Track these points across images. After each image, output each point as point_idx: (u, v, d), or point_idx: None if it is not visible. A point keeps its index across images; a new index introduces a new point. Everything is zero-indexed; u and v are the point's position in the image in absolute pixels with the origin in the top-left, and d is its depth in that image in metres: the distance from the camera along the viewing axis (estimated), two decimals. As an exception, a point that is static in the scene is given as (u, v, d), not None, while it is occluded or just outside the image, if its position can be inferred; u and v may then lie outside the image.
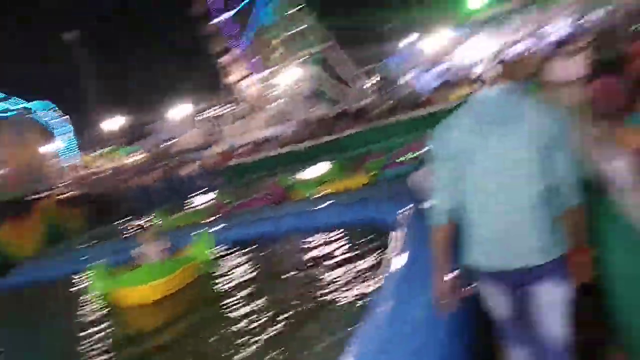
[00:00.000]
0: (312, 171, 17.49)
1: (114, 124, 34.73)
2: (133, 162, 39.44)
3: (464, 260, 2.05)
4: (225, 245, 8.16)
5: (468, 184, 1.95)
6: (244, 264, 7.48)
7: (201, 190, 25.39)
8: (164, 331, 5.55)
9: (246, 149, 33.17)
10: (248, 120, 42.86)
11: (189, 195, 23.41)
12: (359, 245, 6.73)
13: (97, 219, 18.89)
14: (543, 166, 1.85)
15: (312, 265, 6.55)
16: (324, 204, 8.67)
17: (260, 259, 7.50)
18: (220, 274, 7.20)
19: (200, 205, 15.11)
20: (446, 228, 2.02)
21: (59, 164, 30.23)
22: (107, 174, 33.17)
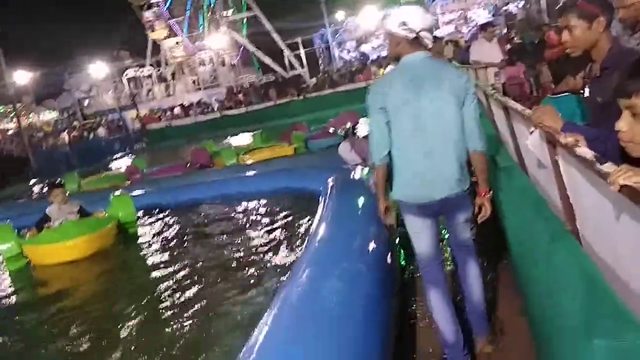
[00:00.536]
0: (238, 139, 17.22)
1: (23, 78, 31.75)
2: (45, 122, 36.64)
3: (394, 194, 2.55)
4: (144, 210, 7.84)
5: (400, 131, 2.40)
6: (164, 228, 7.27)
7: (119, 154, 24.20)
8: (78, 292, 5.37)
9: (170, 113, 31.86)
10: (174, 83, 41.15)
11: (106, 159, 22.22)
12: (284, 212, 6.74)
13: (2, 180, 17.50)
14: (459, 115, 2.39)
15: (236, 230, 6.49)
16: (250, 172, 8.57)
17: (182, 224, 7.30)
18: (140, 236, 7.00)
19: (115, 170, 14.39)
20: (384, 167, 2.51)
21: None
22: (14, 132, 30.59)
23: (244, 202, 7.62)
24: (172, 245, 6.39)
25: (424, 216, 2.52)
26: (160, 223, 7.54)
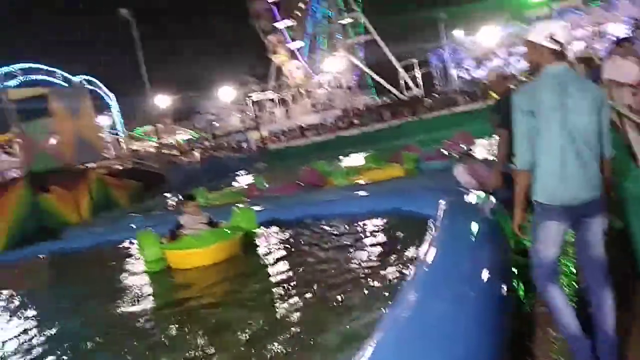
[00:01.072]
0: (350, 160, 17.46)
1: (162, 102, 35.63)
2: (178, 141, 40.46)
3: (538, 197, 2.58)
4: (260, 224, 8.29)
5: (550, 135, 2.49)
6: (279, 241, 7.63)
7: (242, 171, 25.85)
8: (216, 290, 5.98)
9: (289, 134, 33.40)
10: (293, 105, 43.15)
11: (231, 176, 23.87)
12: (392, 234, 6.70)
13: (143, 192, 19.60)
14: (598, 124, 2.52)
15: (344, 248, 6.59)
16: (359, 192, 8.65)
17: (295, 238, 7.60)
18: (259, 247, 7.50)
19: (238, 186, 15.39)
20: (528, 173, 2.57)
21: (108, 138, 31.40)
22: (154, 151, 34.22)
23: (353, 222, 7.71)
24: (286, 258, 6.67)
25: (563, 220, 2.57)
26: (276, 237, 7.92)
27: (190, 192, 8.97)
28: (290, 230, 8.06)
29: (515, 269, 3.85)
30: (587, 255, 2.61)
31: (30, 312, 6.64)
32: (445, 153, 10.45)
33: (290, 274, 6.00)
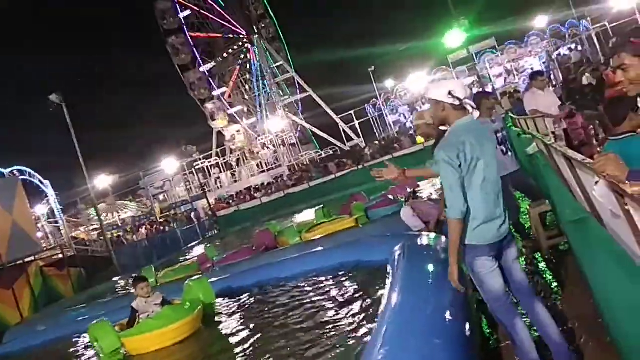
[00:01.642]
0: (300, 217, 17.40)
1: (102, 182, 34.63)
2: (122, 220, 39.07)
3: (471, 241, 2.82)
4: (219, 296, 7.98)
5: (477, 183, 2.78)
6: (237, 310, 7.35)
7: (193, 242, 25.13)
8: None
9: (238, 198, 33.09)
10: (239, 168, 43.11)
11: (182, 249, 23.12)
12: (352, 286, 6.61)
13: (89, 279, 18.57)
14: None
15: (305, 309, 6.40)
16: (314, 249, 8.58)
17: (253, 306, 7.33)
18: (221, 320, 7.20)
19: (187, 260, 14.89)
20: (462, 221, 2.76)
21: (44, 228, 29.89)
22: (95, 234, 32.80)
23: (311, 280, 7.56)
24: (248, 327, 6.39)
25: (493, 255, 2.86)
26: (233, 306, 7.62)
27: (139, 274, 8.56)
28: (248, 297, 7.80)
29: (476, 305, 3.87)
30: (512, 283, 2.99)
31: None
32: (392, 198, 10.63)
33: (254, 343, 5.71)
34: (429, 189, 14.06)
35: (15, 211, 19.26)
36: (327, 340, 5.03)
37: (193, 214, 32.42)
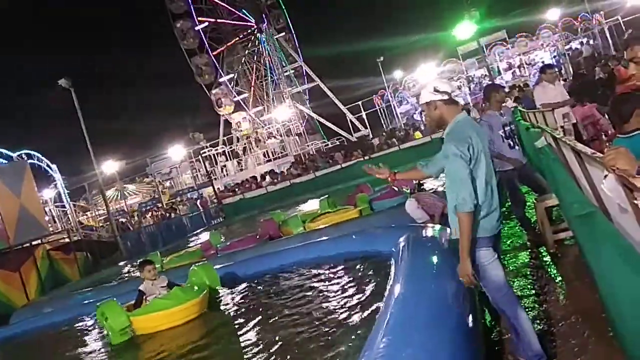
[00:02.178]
0: (305, 207, 17.41)
1: (110, 168, 34.79)
2: (129, 205, 39.30)
3: (478, 233, 2.86)
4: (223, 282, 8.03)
5: (483, 176, 2.84)
6: (240, 298, 7.38)
7: (199, 229, 25.24)
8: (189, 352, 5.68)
9: (244, 186, 33.14)
10: (245, 157, 43.12)
11: (187, 236, 23.22)
12: (354, 276, 6.62)
13: (93, 264, 18.73)
14: None
15: (307, 298, 6.43)
16: (317, 238, 8.60)
17: (255, 294, 7.37)
18: (222, 304, 7.30)
19: (193, 246, 14.99)
20: (472, 215, 2.78)
21: (51, 212, 30.12)
22: (102, 218, 33.01)
23: (314, 269, 7.58)
24: (252, 314, 6.43)
25: (491, 246, 2.95)
26: (237, 293, 7.68)
27: (146, 258, 8.67)
28: (250, 285, 7.84)
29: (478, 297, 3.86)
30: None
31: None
32: (397, 190, 10.61)
33: (257, 328, 5.77)
34: (434, 181, 14.01)
35: (23, 195, 19.40)
36: (329, 329, 5.05)
37: (199, 202, 32.52)
